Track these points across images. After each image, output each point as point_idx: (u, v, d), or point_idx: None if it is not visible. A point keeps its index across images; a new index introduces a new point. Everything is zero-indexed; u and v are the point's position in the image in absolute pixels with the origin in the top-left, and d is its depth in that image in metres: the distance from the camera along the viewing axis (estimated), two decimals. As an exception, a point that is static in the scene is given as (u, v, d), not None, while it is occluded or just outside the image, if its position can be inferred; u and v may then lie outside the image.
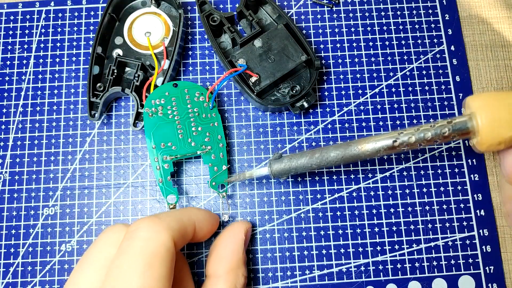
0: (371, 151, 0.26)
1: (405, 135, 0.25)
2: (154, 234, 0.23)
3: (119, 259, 0.22)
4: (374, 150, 0.26)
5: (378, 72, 0.34)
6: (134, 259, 0.22)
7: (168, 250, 0.23)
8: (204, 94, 0.31)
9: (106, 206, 0.32)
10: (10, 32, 0.35)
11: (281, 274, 0.30)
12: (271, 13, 0.35)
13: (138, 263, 0.22)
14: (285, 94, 0.33)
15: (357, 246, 0.31)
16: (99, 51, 0.33)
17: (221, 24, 0.33)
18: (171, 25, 0.34)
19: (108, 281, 0.22)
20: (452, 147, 0.33)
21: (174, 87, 0.31)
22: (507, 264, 0.31)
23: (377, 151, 0.26)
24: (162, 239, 0.23)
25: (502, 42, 0.35)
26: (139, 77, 0.32)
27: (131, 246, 0.22)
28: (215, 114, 0.31)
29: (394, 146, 0.25)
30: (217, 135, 0.31)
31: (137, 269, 0.21)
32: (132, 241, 0.23)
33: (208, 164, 0.30)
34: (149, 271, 0.22)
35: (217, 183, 0.30)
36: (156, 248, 0.22)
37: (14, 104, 0.34)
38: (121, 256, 0.22)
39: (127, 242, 0.23)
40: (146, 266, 0.22)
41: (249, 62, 0.32)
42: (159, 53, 0.34)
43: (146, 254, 0.22)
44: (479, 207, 0.32)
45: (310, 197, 0.32)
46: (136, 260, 0.22)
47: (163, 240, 0.23)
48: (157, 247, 0.22)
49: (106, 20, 0.33)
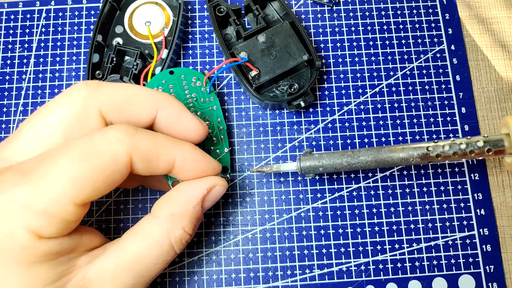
0: (403, 157, 0.26)
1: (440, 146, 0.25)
2: (114, 143, 0.21)
3: (63, 148, 0.21)
4: (407, 157, 0.26)
5: (378, 72, 0.34)
6: (75, 152, 0.21)
7: (115, 162, 0.21)
8: (201, 79, 0.31)
9: (106, 205, 0.32)
10: (11, 31, 0.35)
11: (281, 273, 0.30)
12: (279, 10, 0.35)
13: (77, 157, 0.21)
14: (283, 91, 0.33)
15: (357, 245, 0.31)
16: (99, 39, 0.33)
17: (227, 16, 0.33)
18: (171, 15, 0.34)
19: (42, 158, 0.21)
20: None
21: (170, 74, 0.31)
22: (507, 264, 0.31)
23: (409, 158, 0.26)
24: (116, 151, 0.21)
25: (502, 42, 0.35)
26: (138, 66, 0.32)
27: (80, 142, 0.21)
28: (213, 98, 0.31)
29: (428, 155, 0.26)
30: (216, 119, 0.31)
31: (73, 161, 0.20)
32: (87, 139, 0.21)
33: (210, 148, 0.30)
34: (86, 174, 0.20)
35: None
36: (105, 155, 0.21)
37: (14, 103, 0.34)
38: (67, 145, 0.21)
39: (82, 139, 0.22)
40: (84, 164, 0.20)
41: (251, 56, 0.32)
42: (159, 42, 0.34)
43: (90, 155, 0.21)
44: (479, 207, 0.32)
45: (310, 196, 0.32)
46: (76, 154, 0.21)
47: (117, 152, 0.21)
48: (106, 156, 0.21)
49: (107, 8, 0.33)
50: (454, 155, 0.26)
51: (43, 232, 0.20)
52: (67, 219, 0.21)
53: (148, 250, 0.23)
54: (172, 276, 0.30)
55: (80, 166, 0.21)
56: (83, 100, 0.23)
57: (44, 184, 0.20)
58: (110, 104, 0.24)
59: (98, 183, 0.21)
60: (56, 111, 0.23)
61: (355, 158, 0.27)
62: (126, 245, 0.23)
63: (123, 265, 0.23)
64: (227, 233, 0.31)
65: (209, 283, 0.30)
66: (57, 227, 0.21)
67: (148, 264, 0.23)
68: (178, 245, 0.24)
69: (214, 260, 0.31)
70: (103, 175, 0.21)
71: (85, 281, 0.22)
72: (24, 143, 0.23)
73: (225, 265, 0.31)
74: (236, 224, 0.31)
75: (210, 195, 0.25)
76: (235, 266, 0.31)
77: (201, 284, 0.30)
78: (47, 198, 0.20)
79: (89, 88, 0.23)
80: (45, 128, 0.23)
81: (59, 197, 0.20)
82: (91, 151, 0.21)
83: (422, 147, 0.26)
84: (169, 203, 0.24)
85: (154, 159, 0.23)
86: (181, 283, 0.30)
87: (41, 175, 0.20)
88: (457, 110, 0.34)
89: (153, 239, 0.23)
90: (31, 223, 0.20)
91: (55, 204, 0.20)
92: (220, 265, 0.30)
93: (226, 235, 0.31)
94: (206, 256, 0.31)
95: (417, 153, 0.26)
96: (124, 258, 0.23)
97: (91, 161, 0.21)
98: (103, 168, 0.21)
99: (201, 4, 0.36)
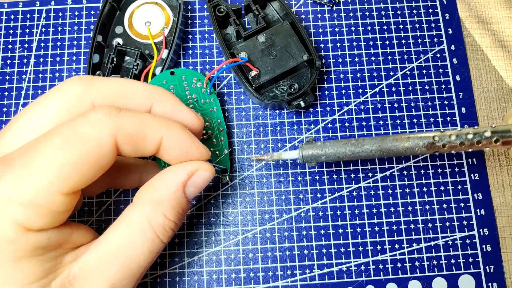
0: (408, 147, 0.25)
1: (447, 135, 0.25)
2: (97, 126, 0.21)
3: (46, 136, 0.21)
4: (412, 147, 0.25)
5: (378, 72, 0.34)
6: (57, 139, 0.20)
7: (100, 146, 0.21)
8: (201, 80, 0.32)
9: (106, 205, 0.32)
10: (11, 31, 0.35)
11: (281, 273, 0.30)
12: (279, 10, 0.35)
13: (60, 142, 0.20)
14: (283, 91, 0.33)
15: (357, 245, 0.31)
16: (99, 39, 0.33)
17: (227, 16, 0.34)
18: (171, 15, 0.34)
19: (31, 145, 0.20)
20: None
21: (171, 75, 0.31)
22: (507, 264, 0.31)
23: (415, 147, 0.25)
24: (99, 134, 0.21)
25: (502, 42, 0.35)
26: (138, 66, 0.32)
27: (62, 128, 0.21)
28: (213, 99, 0.31)
29: (435, 145, 0.25)
30: (216, 120, 0.31)
31: (55, 146, 0.20)
32: (69, 124, 0.21)
33: (210, 149, 0.30)
34: (71, 162, 0.20)
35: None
36: (88, 139, 0.20)
37: (15, 103, 0.34)
38: (50, 133, 0.21)
39: (64, 125, 0.21)
40: (67, 147, 0.20)
41: (251, 56, 0.32)
42: (159, 42, 0.34)
43: (73, 141, 0.20)
44: (479, 207, 0.32)
45: (310, 196, 0.32)
46: (59, 138, 0.20)
47: (100, 135, 0.21)
48: (90, 140, 0.20)
49: (106, 9, 0.34)
50: (461, 145, 0.25)
51: (31, 224, 0.20)
52: (55, 209, 0.20)
53: (130, 238, 0.22)
54: (172, 276, 0.30)
55: (64, 154, 0.20)
56: (76, 94, 0.23)
57: (27, 175, 0.19)
58: (104, 98, 0.23)
59: (85, 169, 0.20)
60: (48, 105, 0.23)
61: (359, 147, 0.26)
62: (108, 236, 0.22)
63: (106, 257, 0.22)
64: (227, 233, 0.31)
65: (209, 283, 0.30)
66: (46, 218, 0.20)
67: (132, 254, 0.22)
68: (162, 232, 0.23)
69: (214, 260, 0.31)
70: (89, 160, 0.20)
71: (69, 277, 0.21)
72: (14, 135, 0.22)
73: (225, 265, 0.31)
74: (236, 224, 0.31)
75: (193, 180, 0.24)
76: (235, 266, 0.31)
77: (201, 284, 0.30)
78: (32, 189, 0.19)
79: (82, 83, 0.23)
80: (36, 120, 0.22)
81: (45, 187, 0.19)
82: (74, 136, 0.20)
83: (428, 136, 0.25)
84: (149, 190, 0.23)
85: (140, 140, 0.22)
86: (181, 283, 0.30)
87: (24, 165, 0.20)
88: (457, 110, 0.34)
89: (134, 226, 0.22)
90: (17, 216, 0.19)
91: (41, 194, 0.19)
92: (220, 265, 0.31)
93: (226, 235, 0.31)
94: (206, 256, 0.31)
95: (423, 143, 0.25)
96: (107, 249, 0.22)
97: (75, 147, 0.20)
98: (88, 154, 0.20)
99: (201, 4, 0.36)
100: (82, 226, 0.24)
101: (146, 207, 0.22)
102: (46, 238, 0.21)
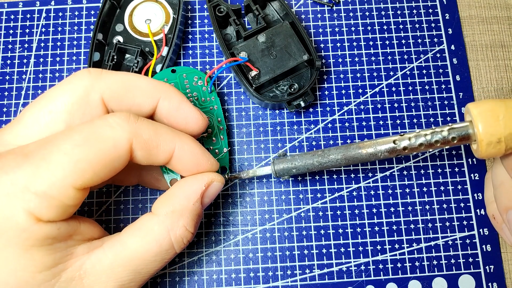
0: (371, 153, 0.26)
1: (406, 138, 0.25)
2: (115, 129, 0.22)
3: (65, 133, 0.21)
4: (375, 153, 0.26)
5: (378, 72, 0.34)
6: (77, 137, 0.21)
7: (116, 148, 0.21)
8: (202, 78, 0.32)
9: (106, 205, 0.32)
10: (11, 31, 0.35)
11: (281, 273, 0.30)
12: (279, 10, 0.35)
13: (78, 139, 0.21)
14: (283, 91, 0.33)
15: (357, 245, 0.31)
16: (100, 37, 0.33)
17: (227, 15, 0.34)
18: (171, 12, 0.34)
19: (45, 142, 0.21)
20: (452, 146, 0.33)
21: (172, 73, 0.31)
22: (507, 264, 0.31)
23: (377, 153, 0.26)
24: (117, 137, 0.22)
25: (502, 42, 0.35)
26: (138, 63, 0.32)
27: (82, 127, 0.22)
28: (214, 97, 0.31)
29: (395, 149, 0.25)
30: (216, 118, 0.31)
31: (73, 143, 0.21)
32: (89, 124, 0.22)
33: (209, 147, 0.30)
34: (87, 159, 0.21)
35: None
36: (106, 140, 0.21)
37: (15, 103, 0.34)
38: (69, 131, 0.21)
39: (84, 125, 0.22)
40: (85, 147, 0.21)
41: (251, 55, 0.32)
42: (159, 40, 0.34)
43: (92, 140, 0.21)
44: (479, 206, 0.32)
45: (310, 196, 0.32)
46: (77, 136, 0.21)
47: (118, 138, 0.21)
48: (108, 141, 0.21)
49: (107, 7, 0.34)
50: (420, 146, 0.25)
51: (42, 215, 0.20)
52: (66, 202, 0.21)
53: (147, 246, 0.23)
54: (172, 276, 0.30)
55: (82, 151, 0.21)
56: (85, 88, 0.23)
57: (45, 167, 0.20)
58: (112, 91, 0.24)
59: (99, 168, 0.21)
60: (59, 98, 0.23)
61: (325, 157, 0.27)
62: (125, 240, 0.23)
63: (121, 260, 0.23)
64: (227, 233, 0.31)
65: (209, 283, 0.30)
66: (56, 210, 0.21)
67: (146, 261, 0.23)
68: (179, 243, 0.24)
69: (214, 260, 0.31)
70: (104, 160, 0.21)
71: (81, 271, 0.22)
72: (25, 128, 0.23)
73: (225, 265, 0.31)
74: (236, 224, 0.31)
75: (209, 191, 0.25)
76: (235, 266, 0.31)
77: (201, 284, 0.30)
78: (48, 181, 0.20)
79: (91, 76, 0.23)
80: (47, 114, 0.23)
81: (60, 180, 0.20)
82: (93, 136, 0.21)
83: (389, 140, 0.26)
84: (169, 201, 0.24)
85: (154, 148, 0.23)
86: (181, 283, 0.30)
87: (43, 158, 0.20)
88: (457, 110, 0.34)
89: (153, 236, 0.23)
90: (30, 205, 0.20)
91: (56, 187, 0.20)
92: (220, 265, 0.31)
93: (226, 235, 0.31)
94: (206, 256, 0.31)
95: (385, 148, 0.26)
96: (123, 252, 0.23)
97: (93, 146, 0.21)
98: (104, 154, 0.21)
99: (201, 4, 0.36)
100: (89, 220, 0.25)
101: (167, 219, 0.23)
102: (56, 228, 0.21)
